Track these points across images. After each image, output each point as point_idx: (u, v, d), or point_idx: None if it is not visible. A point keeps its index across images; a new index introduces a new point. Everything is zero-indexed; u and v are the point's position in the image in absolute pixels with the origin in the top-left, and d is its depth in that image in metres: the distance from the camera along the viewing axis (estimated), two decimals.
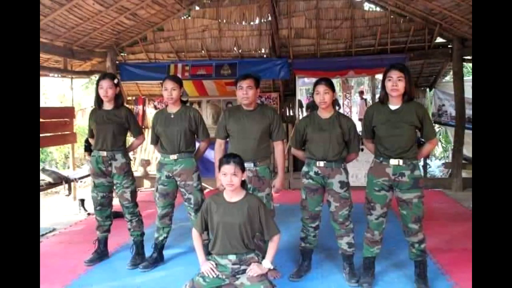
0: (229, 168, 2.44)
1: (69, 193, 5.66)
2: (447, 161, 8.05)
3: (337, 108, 5.32)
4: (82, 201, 5.34)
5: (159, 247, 3.47)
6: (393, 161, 2.78)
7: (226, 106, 7.22)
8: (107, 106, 3.43)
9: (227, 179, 2.45)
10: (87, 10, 5.13)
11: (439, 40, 6.46)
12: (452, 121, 6.62)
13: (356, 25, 6.36)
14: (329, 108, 3.02)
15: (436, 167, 8.68)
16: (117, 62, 6.70)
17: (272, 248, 2.53)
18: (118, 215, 3.91)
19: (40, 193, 5.16)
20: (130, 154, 3.66)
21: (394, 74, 2.74)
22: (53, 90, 11.10)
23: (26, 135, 1.77)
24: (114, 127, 3.38)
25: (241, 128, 3.08)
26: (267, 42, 6.55)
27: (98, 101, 3.43)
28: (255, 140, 3.04)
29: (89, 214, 5.12)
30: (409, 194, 2.77)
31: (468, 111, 6.10)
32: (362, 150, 3.45)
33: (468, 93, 5.91)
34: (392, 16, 6.28)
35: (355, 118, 11.57)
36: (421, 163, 6.25)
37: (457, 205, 5.32)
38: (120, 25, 6.02)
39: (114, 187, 3.50)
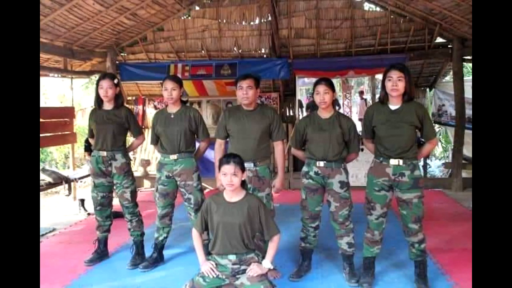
0: (229, 168, 2.44)
1: (69, 193, 5.67)
2: (447, 161, 8.05)
3: (337, 108, 5.32)
4: (82, 201, 5.34)
5: (159, 247, 3.47)
6: (393, 161, 2.78)
7: (226, 106, 7.22)
8: (107, 106, 3.43)
9: (227, 179, 2.45)
10: (87, 10, 5.13)
11: (439, 40, 6.46)
12: (452, 121, 6.62)
13: (356, 25, 6.36)
14: (329, 108, 3.02)
15: (436, 167, 8.68)
16: (117, 62, 6.70)
17: (272, 248, 2.53)
18: (118, 215, 3.92)
19: (40, 193, 5.16)
20: (130, 154, 3.66)
21: (394, 74, 2.74)
22: (53, 90, 11.10)
23: (26, 135, 1.77)
24: (114, 127, 3.38)
25: (241, 128, 3.08)
26: (267, 42, 6.56)
27: (98, 101, 3.43)
28: (255, 140, 3.04)
29: (89, 214, 5.12)
30: (409, 194, 2.77)
31: (468, 111, 6.10)
32: (362, 150, 3.45)
33: (468, 93, 5.91)
34: (392, 16, 6.28)
35: (355, 118, 11.58)
36: (421, 163, 6.25)
37: (457, 205, 5.32)
38: (120, 25, 6.02)
39: (114, 187, 3.50)
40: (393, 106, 2.81)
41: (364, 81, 16.09)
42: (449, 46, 6.30)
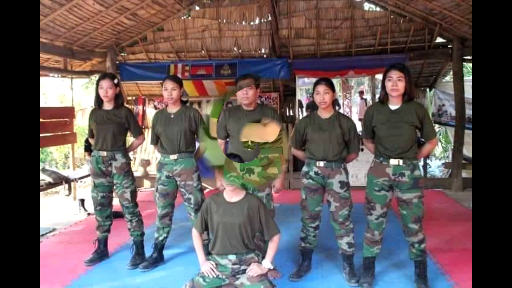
0: None
1: (69, 193, 5.66)
2: (447, 161, 8.06)
3: (337, 108, 5.32)
4: (82, 201, 5.34)
5: (159, 247, 3.47)
6: (393, 161, 2.78)
7: (226, 106, 7.21)
8: (107, 106, 3.42)
9: None
10: (87, 10, 5.13)
11: (439, 40, 6.46)
12: (452, 121, 6.63)
13: (356, 25, 6.37)
14: (329, 108, 3.02)
15: (436, 167, 8.69)
16: (117, 62, 6.70)
17: (272, 248, 2.53)
18: (118, 215, 3.91)
19: (40, 193, 5.16)
20: (130, 154, 3.66)
21: (394, 74, 2.74)
22: (53, 90, 11.11)
23: (26, 135, 1.77)
24: (114, 127, 3.38)
25: (241, 128, 3.07)
26: (267, 42, 6.56)
27: (98, 101, 3.42)
28: None
29: (89, 214, 5.12)
30: (409, 194, 2.77)
31: (468, 111, 6.11)
32: (362, 150, 3.45)
33: (468, 93, 5.91)
34: (392, 16, 6.28)
35: (355, 118, 11.58)
36: (421, 163, 6.26)
37: (457, 205, 5.32)
38: (120, 25, 6.02)
39: (114, 187, 3.50)
40: (393, 106, 2.81)
41: (364, 81, 16.10)
42: (449, 46, 6.30)
